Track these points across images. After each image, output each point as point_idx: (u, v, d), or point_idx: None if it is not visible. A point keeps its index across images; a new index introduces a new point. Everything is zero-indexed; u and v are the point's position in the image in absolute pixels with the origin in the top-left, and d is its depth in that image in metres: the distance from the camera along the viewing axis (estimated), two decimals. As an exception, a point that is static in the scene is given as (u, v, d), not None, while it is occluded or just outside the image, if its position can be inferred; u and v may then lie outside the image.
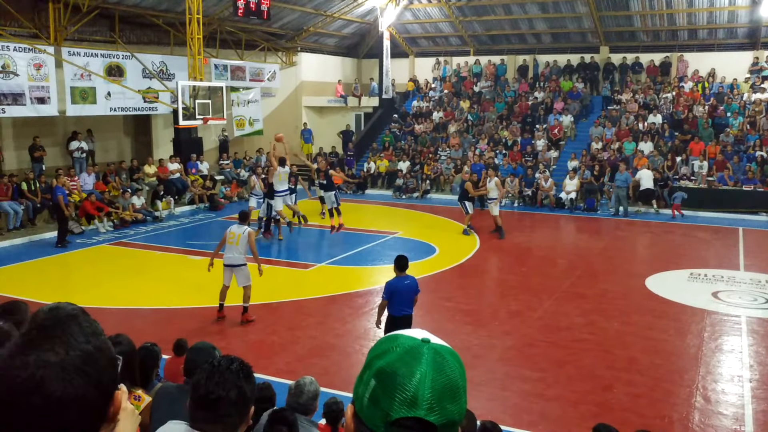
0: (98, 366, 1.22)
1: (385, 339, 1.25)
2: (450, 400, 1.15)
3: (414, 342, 1.20)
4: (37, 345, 1.18)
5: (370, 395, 1.18)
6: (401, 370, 1.16)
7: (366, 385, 1.20)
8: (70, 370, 1.17)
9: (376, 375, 1.18)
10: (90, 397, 1.20)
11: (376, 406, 1.16)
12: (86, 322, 1.27)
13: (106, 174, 20.24)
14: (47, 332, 1.21)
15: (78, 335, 1.22)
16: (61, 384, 1.16)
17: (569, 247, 17.50)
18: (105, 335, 1.29)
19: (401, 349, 1.19)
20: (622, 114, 25.38)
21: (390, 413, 1.14)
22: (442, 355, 1.19)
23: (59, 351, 1.18)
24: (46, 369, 1.16)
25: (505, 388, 8.46)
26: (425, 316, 11.56)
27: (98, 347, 1.24)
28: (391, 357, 1.19)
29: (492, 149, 25.17)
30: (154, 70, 21.60)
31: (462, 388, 1.19)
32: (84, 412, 1.20)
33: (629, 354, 9.65)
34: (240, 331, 10.46)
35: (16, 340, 1.21)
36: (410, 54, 31.65)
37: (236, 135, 25.91)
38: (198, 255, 15.41)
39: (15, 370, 1.16)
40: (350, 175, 25.91)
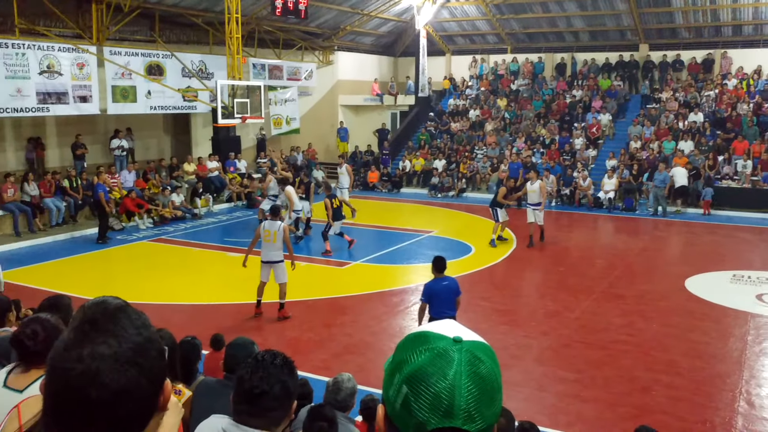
0: (149, 357, 1.25)
1: (413, 337, 1.19)
2: (487, 405, 1.10)
3: (445, 343, 1.14)
4: (90, 338, 1.21)
5: (402, 402, 1.12)
6: (434, 376, 1.10)
7: (397, 390, 1.14)
8: (123, 362, 1.20)
9: (407, 381, 1.12)
10: (143, 387, 1.23)
11: (410, 415, 1.11)
12: (135, 315, 1.30)
13: (146, 172, 20.57)
14: (99, 325, 1.24)
15: (129, 327, 1.25)
16: (116, 375, 1.18)
17: (607, 247, 17.25)
18: (153, 327, 1.32)
19: (432, 352, 1.13)
20: (662, 112, 24.94)
21: (425, 423, 1.09)
22: (477, 356, 1.13)
23: (112, 343, 1.21)
24: (100, 361, 1.18)
25: (541, 389, 8.38)
26: (461, 315, 11.44)
27: (148, 338, 1.27)
28: (421, 361, 1.12)
29: (529, 148, 24.96)
30: (194, 69, 21.88)
31: (498, 388, 1.14)
32: (137, 402, 1.22)
33: (669, 356, 9.48)
34: (277, 328, 10.55)
35: (69, 334, 1.24)
36: (447, 52, 31.54)
37: (273, 134, 26.12)
38: (236, 252, 15.56)
39: (71, 363, 1.18)
40: (386, 173, 25.94)
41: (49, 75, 17.87)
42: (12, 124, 19.14)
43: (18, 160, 19.55)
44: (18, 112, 17.54)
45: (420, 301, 8.51)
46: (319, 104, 28.74)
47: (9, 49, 16.92)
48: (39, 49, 17.62)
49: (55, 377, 1.20)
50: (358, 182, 26.04)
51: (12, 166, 18.90)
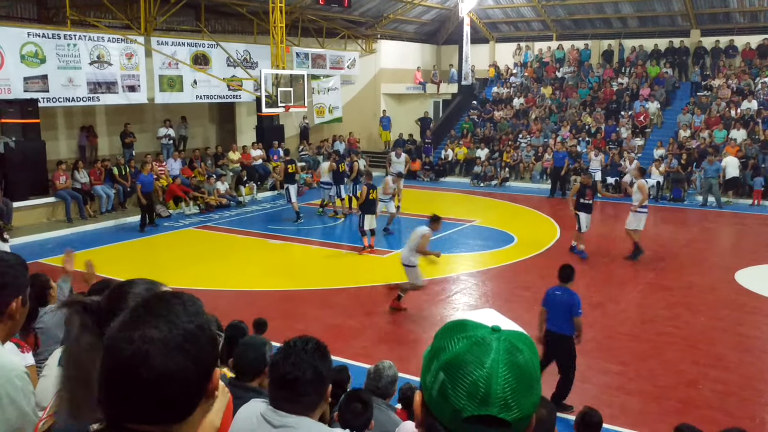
0: (199, 344, 1.28)
1: (452, 325, 1.19)
2: (524, 394, 1.10)
3: (484, 332, 1.14)
4: (143, 322, 1.25)
5: (438, 389, 1.13)
6: (471, 364, 1.11)
7: (434, 377, 1.15)
8: (171, 347, 1.24)
9: (445, 368, 1.13)
10: (190, 373, 1.26)
11: (446, 402, 1.12)
12: (190, 302, 1.34)
13: (192, 160, 20.90)
14: (153, 310, 1.28)
15: (181, 315, 1.29)
16: (163, 359, 1.22)
17: (654, 238, 16.87)
18: (207, 315, 1.35)
19: (470, 340, 1.13)
20: (713, 100, 24.28)
21: (461, 411, 1.10)
22: (515, 346, 1.13)
23: (163, 328, 1.25)
24: (150, 344, 1.23)
25: (585, 380, 8.27)
26: (504, 305, 11.44)
27: (200, 326, 1.30)
28: (459, 348, 1.13)
29: (574, 136, 24.59)
30: (238, 59, 22.09)
31: (536, 378, 1.14)
32: (184, 387, 1.26)
33: (717, 350, 9.28)
34: (319, 315, 10.64)
35: (125, 315, 1.29)
36: (491, 39, 31.21)
37: (316, 123, 26.25)
38: (278, 240, 15.74)
39: (123, 343, 1.23)
40: (428, 162, 25.86)
41: (99, 65, 18.25)
42: (64, 113, 19.63)
43: (69, 148, 20.06)
44: (69, 101, 17.98)
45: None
46: (361, 93, 28.76)
47: (61, 41, 17.33)
48: (90, 40, 18.00)
49: (107, 356, 1.25)
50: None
51: (64, 154, 19.39)
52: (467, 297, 11.75)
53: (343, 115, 27.03)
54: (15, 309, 2.18)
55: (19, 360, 2.33)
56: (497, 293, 12.14)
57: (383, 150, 28.16)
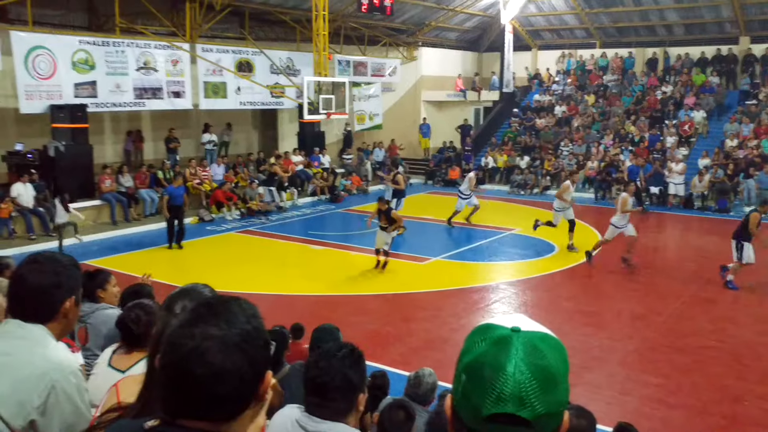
0: (254, 345, 1.33)
1: (477, 330, 1.23)
2: (544, 392, 1.11)
3: (503, 332, 1.17)
4: (204, 320, 1.31)
5: (461, 390, 1.16)
6: (489, 364, 1.13)
7: (458, 379, 1.18)
8: (230, 345, 1.29)
9: (466, 369, 1.16)
10: (245, 371, 1.31)
11: (468, 402, 1.14)
12: (247, 305, 1.40)
13: (235, 165, 21.20)
14: (213, 309, 1.34)
15: (239, 315, 1.35)
16: (221, 356, 1.28)
17: (699, 250, 16.57)
18: (262, 319, 1.40)
19: (490, 340, 1.16)
20: (763, 109, 23.72)
21: (480, 409, 1.11)
22: (534, 344, 1.14)
23: (222, 326, 1.30)
24: (209, 341, 1.28)
25: (625, 393, 8.16)
26: (545, 316, 11.33)
27: (256, 328, 1.36)
28: (479, 349, 1.16)
29: (617, 145, 24.26)
30: (281, 66, 22.36)
31: (559, 376, 1.14)
32: (238, 385, 1.30)
33: (764, 365, 9.05)
34: (357, 321, 10.67)
35: (187, 314, 1.35)
36: (533, 47, 31.01)
37: (357, 129, 26.40)
38: (319, 245, 15.86)
39: (184, 338, 1.29)
40: (467, 170, 25.77)
41: (145, 71, 18.66)
42: (111, 119, 20.09)
43: (115, 152, 20.52)
44: (117, 107, 18.42)
45: None
46: (402, 100, 28.82)
47: (110, 47, 17.77)
48: (137, 47, 18.43)
49: (168, 351, 1.31)
50: (439, 179, 26.02)
51: (109, 159, 19.85)
52: (506, 306, 11.67)
53: (384, 122, 27.12)
54: (69, 308, 2.26)
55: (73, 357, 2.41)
56: (536, 303, 12.03)
57: (423, 157, 28.18)
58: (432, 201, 22.95)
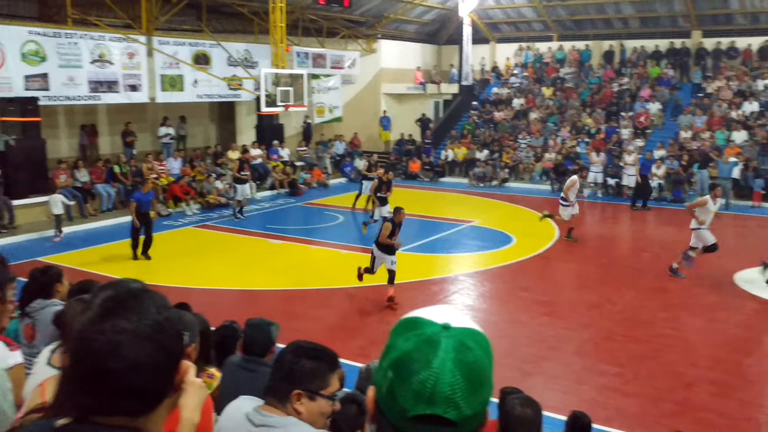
0: (167, 336, 1.32)
1: (404, 323, 1.19)
2: (472, 393, 1.09)
3: (433, 329, 1.13)
4: (114, 313, 1.29)
5: (387, 387, 1.13)
6: (418, 363, 1.09)
7: (384, 375, 1.14)
8: (142, 337, 1.27)
9: (393, 366, 1.13)
10: (159, 363, 1.29)
11: (394, 400, 1.11)
12: (158, 297, 1.38)
13: (192, 159, 20.93)
14: (123, 303, 1.31)
15: (150, 307, 1.33)
16: (134, 349, 1.26)
17: (654, 239, 16.92)
18: (174, 309, 1.39)
19: (419, 338, 1.12)
20: (715, 102, 24.27)
21: (407, 409, 1.09)
22: (465, 344, 1.12)
23: (133, 319, 1.28)
24: (121, 335, 1.26)
25: (581, 382, 8.30)
26: (501, 306, 11.47)
27: (168, 318, 1.34)
28: (408, 346, 1.12)
29: (574, 137, 24.59)
30: (239, 59, 22.11)
31: (486, 377, 1.12)
32: (153, 377, 1.29)
33: (715, 352, 9.30)
34: (318, 314, 10.65)
35: (95, 309, 1.31)
36: (491, 40, 31.20)
37: (316, 122, 26.27)
38: (278, 239, 15.76)
39: (94, 334, 1.26)
40: (428, 163, 25.85)
41: (100, 64, 18.27)
42: (64, 112, 19.66)
43: (70, 147, 20.10)
44: (70, 100, 18.00)
45: None
46: (362, 93, 28.76)
47: (62, 39, 17.34)
48: (91, 39, 18.02)
49: (78, 347, 1.28)
50: (400, 171, 26.07)
51: (65, 153, 19.43)
52: (465, 297, 11.76)
53: (344, 115, 27.04)
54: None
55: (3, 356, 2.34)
56: (495, 294, 12.15)
57: (384, 150, 28.18)
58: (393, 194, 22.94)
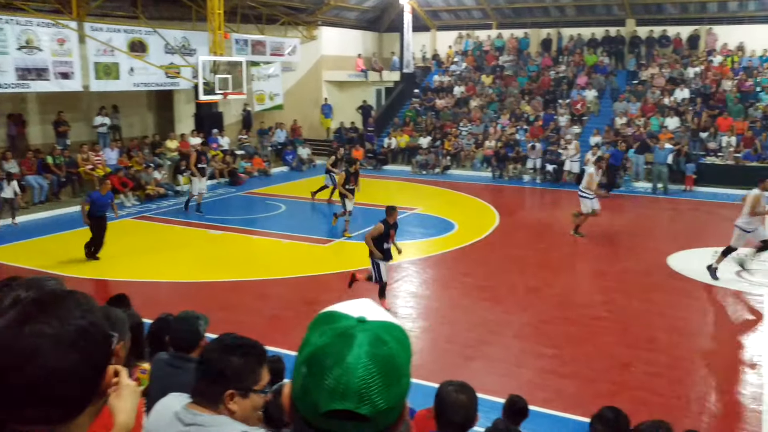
0: (92, 341, 1.25)
1: (321, 317, 1.16)
2: (386, 388, 1.07)
3: (348, 323, 1.11)
4: (33, 317, 1.22)
5: (301, 383, 1.10)
6: (331, 357, 1.07)
7: (297, 370, 1.12)
8: (64, 343, 1.21)
9: (306, 361, 1.10)
10: (82, 370, 1.23)
11: (307, 396, 1.09)
12: (83, 299, 1.31)
13: (129, 149, 20.41)
14: (44, 306, 1.25)
15: (73, 310, 1.26)
16: (55, 355, 1.19)
17: (591, 224, 17.30)
18: (100, 312, 1.32)
19: (333, 332, 1.10)
20: (648, 89, 24.94)
21: (319, 405, 1.06)
22: (380, 337, 1.09)
23: (54, 324, 1.21)
24: (41, 340, 1.19)
25: (520, 365, 8.45)
26: (443, 292, 11.58)
27: (93, 323, 1.27)
28: (322, 341, 1.10)
29: (513, 125, 24.93)
30: (176, 46, 21.60)
31: (402, 371, 1.10)
32: (76, 384, 1.23)
33: (649, 333, 9.58)
34: (259, 306, 10.55)
35: (13, 312, 1.24)
36: (432, 27, 31.31)
37: (257, 110, 25.94)
38: (218, 230, 15.52)
39: (11, 339, 1.19)
40: (370, 150, 25.85)
41: (28, 50, 17.57)
42: (-10, 101, 18.88)
43: (-1, 137, 19.34)
44: (-4, 88, 17.30)
45: None
46: (302, 80, 28.51)
47: (-15, 24, 16.63)
48: (17, 24, 17.30)
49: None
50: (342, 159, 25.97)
51: (-9, 143, 18.68)
52: (408, 284, 11.83)
53: (284, 103, 26.75)
54: None
55: None
56: (437, 280, 12.26)
57: (325, 138, 28.04)
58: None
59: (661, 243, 14.71)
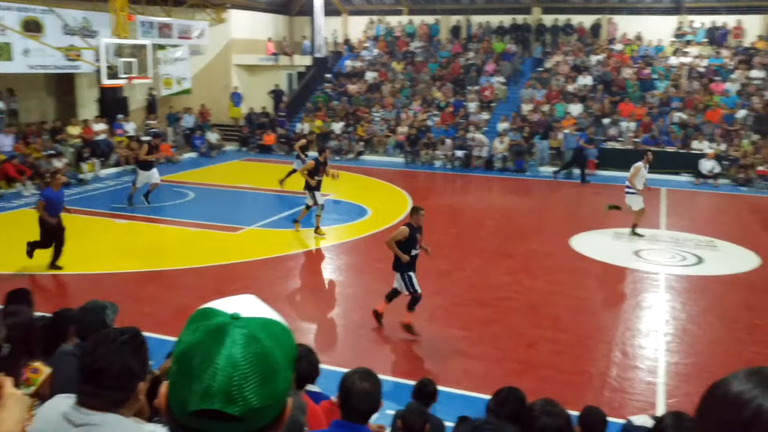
0: None
1: (197, 314, 1.13)
2: (259, 385, 1.04)
3: (221, 320, 1.08)
4: None
5: (171, 381, 1.08)
6: (200, 355, 1.04)
7: (170, 368, 1.09)
8: None
9: (177, 359, 1.07)
10: None
11: (176, 395, 1.06)
12: None
13: (26, 135, 19.40)
14: None
15: None
16: None
17: (498, 208, 17.78)
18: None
19: (206, 329, 1.07)
20: (553, 76, 25.71)
21: (187, 404, 1.04)
22: (253, 334, 1.07)
23: None
24: None
25: (431, 347, 8.61)
26: (357, 278, 11.65)
27: None
28: (194, 338, 1.07)
29: (425, 110, 25.20)
30: (76, 27, 20.63)
31: (278, 366, 1.08)
32: None
33: (554, 312, 9.94)
34: (168, 296, 10.30)
35: None
36: (343, 12, 31.16)
37: (164, 94, 25.15)
38: (124, 219, 15.02)
39: None
40: (283, 135, 25.58)
41: None
42: None
43: None
44: None
45: None
46: (211, 64, 27.83)
47: None
48: None
49: None
50: (254, 145, 25.62)
51: None
52: (322, 271, 11.82)
53: (193, 87, 26.06)
54: None
55: None
56: (351, 266, 12.31)
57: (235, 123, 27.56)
58: (247, 168, 22.57)
59: (564, 225, 15.26)
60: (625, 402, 7.31)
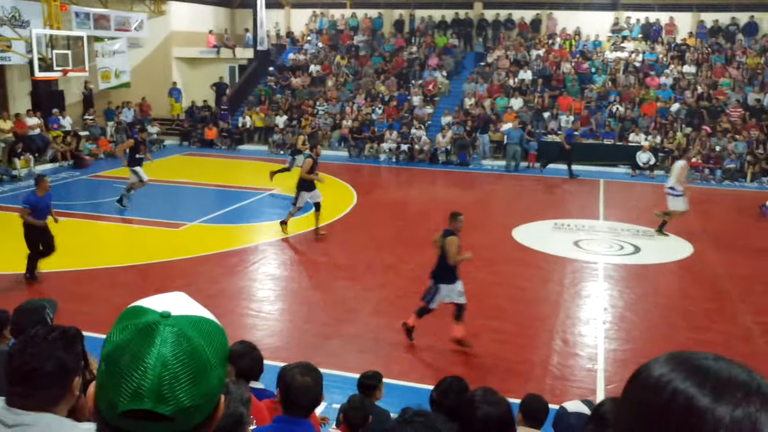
0: None
1: (125, 313, 1.11)
2: (190, 384, 1.03)
3: (151, 318, 1.06)
4: None
5: (100, 381, 1.06)
6: (128, 354, 1.02)
7: (99, 368, 1.07)
8: None
9: (106, 359, 1.05)
10: None
11: (104, 395, 1.04)
12: None
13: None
14: None
15: None
16: None
17: (442, 201, 17.88)
18: None
19: (135, 328, 1.05)
20: (494, 70, 26.04)
21: (116, 405, 1.02)
22: (183, 333, 1.05)
23: None
24: None
25: (377, 340, 8.66)
26: (302, 273, 11.60)
27: None
28: (123, 337, 1.05)
29: (369, 104, 25.21)
30: (4, 17, 19.90)
31: (210, 364, 1.06)
32: None
33: (496, 302, 10.11)
34: (107, 295, 10.06)
35: None
36: (286, 5, 30.87)
37: (101, 88, 24.51)
38: (61, 216, 14.57)
39: None
40: (225, 129, 25.25)
41: None
42: None
43: None
44: None
45: None
46: (151, 56, 27.25)
47: None
48: None
49: None
50: (195, 139, 25.20)
51: None
52: (266, 266, 11.73)
53: (132, 80, 25.48)
54: None
55: None
56: (296, 261, 12.26)
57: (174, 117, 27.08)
58: (188, 163, 22.20)
59: (506, 217, 15.51)
60: (566, 389, 7.49)
